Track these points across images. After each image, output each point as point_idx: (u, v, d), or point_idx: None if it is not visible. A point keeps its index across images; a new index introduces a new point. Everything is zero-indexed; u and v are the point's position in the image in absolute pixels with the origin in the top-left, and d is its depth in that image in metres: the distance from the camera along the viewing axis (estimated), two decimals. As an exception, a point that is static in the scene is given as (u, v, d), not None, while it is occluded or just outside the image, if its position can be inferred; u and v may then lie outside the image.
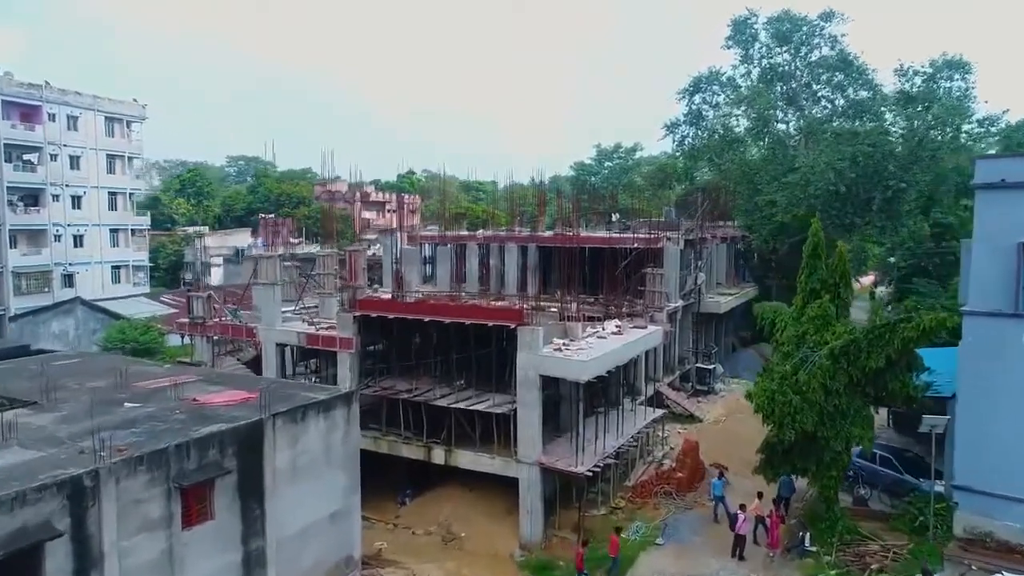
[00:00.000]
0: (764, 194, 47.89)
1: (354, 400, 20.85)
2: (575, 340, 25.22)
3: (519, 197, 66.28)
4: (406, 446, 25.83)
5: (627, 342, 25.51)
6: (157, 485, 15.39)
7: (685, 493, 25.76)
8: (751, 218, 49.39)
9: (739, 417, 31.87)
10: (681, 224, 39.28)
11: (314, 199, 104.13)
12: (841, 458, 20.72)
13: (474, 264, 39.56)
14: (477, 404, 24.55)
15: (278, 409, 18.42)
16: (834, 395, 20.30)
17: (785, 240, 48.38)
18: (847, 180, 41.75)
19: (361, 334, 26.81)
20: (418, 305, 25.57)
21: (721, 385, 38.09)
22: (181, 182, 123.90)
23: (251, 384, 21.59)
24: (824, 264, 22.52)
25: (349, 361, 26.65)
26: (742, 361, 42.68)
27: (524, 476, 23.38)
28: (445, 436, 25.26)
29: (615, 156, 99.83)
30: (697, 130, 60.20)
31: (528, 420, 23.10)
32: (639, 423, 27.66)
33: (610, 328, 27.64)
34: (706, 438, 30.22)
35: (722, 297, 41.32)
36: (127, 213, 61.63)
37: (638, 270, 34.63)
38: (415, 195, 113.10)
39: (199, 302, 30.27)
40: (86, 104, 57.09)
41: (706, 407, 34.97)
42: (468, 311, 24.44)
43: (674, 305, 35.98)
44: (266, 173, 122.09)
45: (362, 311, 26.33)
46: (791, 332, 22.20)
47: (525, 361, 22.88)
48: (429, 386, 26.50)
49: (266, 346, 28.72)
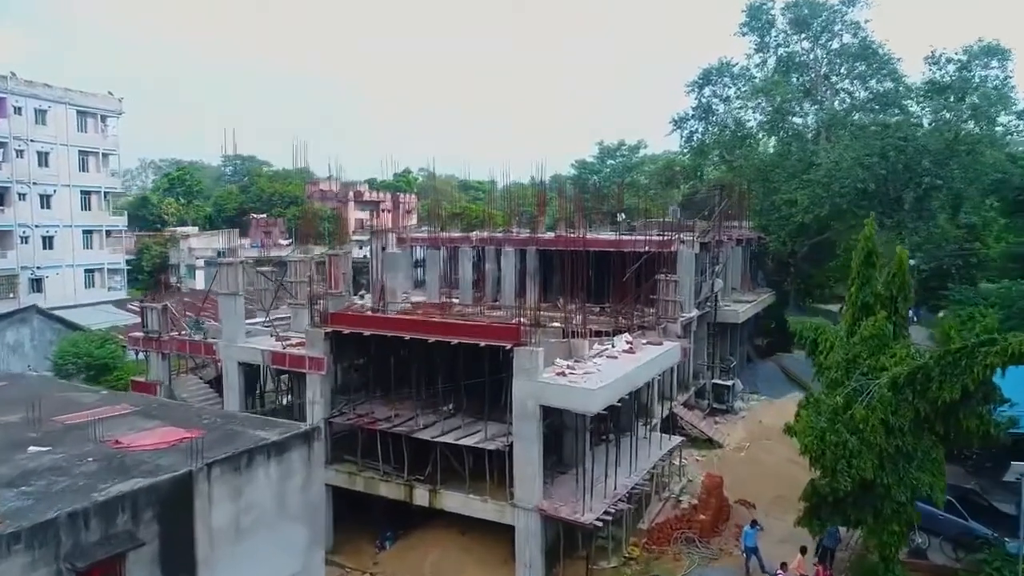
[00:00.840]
0: (782, 193, 44.37)
1: (315, 439, 17.24)
2: (581, 360, 21.66)
3: (518, 196, 62.76)
4: (385, 484, 22.26)
5: (641, 363, 21.92)
6: (42, 568, 11.81)
7: (709, 539, 22.16)
8: (767, 218, 45.83)
9: (765, 444, 28.28)
10: (696, 225, 35.64)
11: (306, 198, 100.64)
12: (905, 510, 17.11)
13: (468, 269, 35.96)
14: (466, 438, 20.97)
15: (214, 456, 14.85)
16: (896, 434, 16.72)
17: (805, 242, 44.87)
18: (877, 177, 38.18)
19: (334, 352, 23.25)
20: (397, 321, 22.02)
21: (740, 403, 34.49)
22: (170, 181, 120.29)
23: (194, 419, 17.99)
24: (878, 274, 18.95)
25: (319, 384, 23.09)
26: (760, 374, 39.07)
27: (521, 524, 19.81)
28: (430, 472, 21.72)
29: (618, 154, 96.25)
30: (707, 125, 56.79)
31: (526, 457, 19.52)
32: (654, 454, 24.07)
33: (620, 345, 24.06)
34: (729, 469, 26.62)
35: (739, 305, 37.71)
36: (102, 213, 58.04)
37: (648, 276, 31.03)
38: (411, 194, 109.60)
39: (153, 313, 26.69)
40: (56, 97, 53.46)
41: (725, 429, 31.37)
42: (455, 329, 20.87)
43: (689, 315, 32.38)
44: (259, 172, 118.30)
45: (334, 327, 22.76)
46: (839, 355, 18.61)
47: (523, 389, 19.30)
48: (413, 412, 22.91)
49: (227, 365, 25.15)
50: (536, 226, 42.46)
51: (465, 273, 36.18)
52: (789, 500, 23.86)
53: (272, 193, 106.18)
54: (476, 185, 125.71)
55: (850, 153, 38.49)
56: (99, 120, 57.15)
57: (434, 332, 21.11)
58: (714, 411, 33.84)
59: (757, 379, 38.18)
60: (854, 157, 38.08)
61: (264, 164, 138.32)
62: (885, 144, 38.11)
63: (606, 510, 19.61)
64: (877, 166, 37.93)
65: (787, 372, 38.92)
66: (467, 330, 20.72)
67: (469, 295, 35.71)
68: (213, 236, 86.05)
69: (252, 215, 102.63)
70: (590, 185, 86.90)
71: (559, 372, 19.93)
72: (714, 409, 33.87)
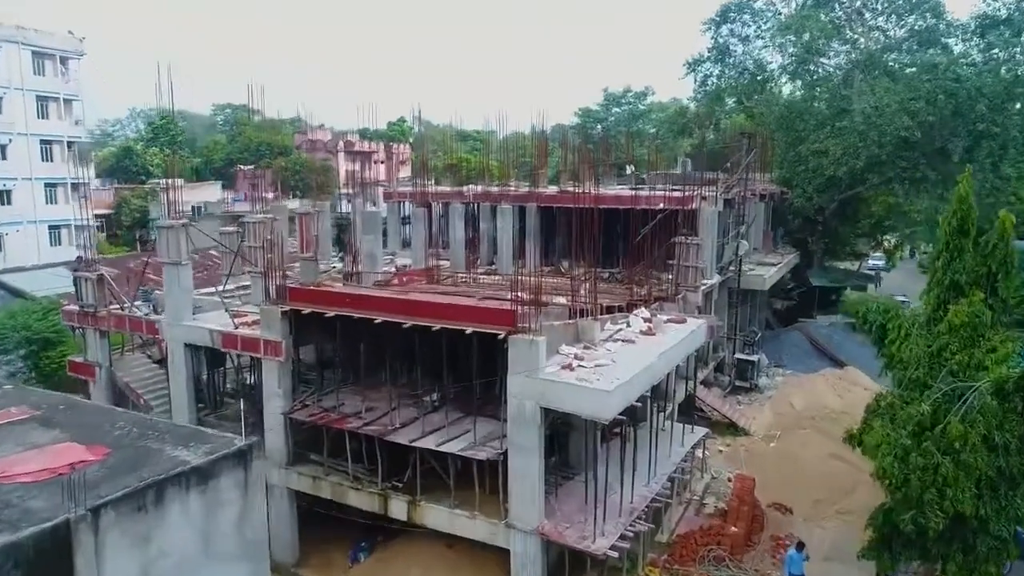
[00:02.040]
0: (809, 142, 39.89)
1: (253, 457, 13.52)
2: (591, 347, 17.79)
3: (519, 147, 58.10)
4: (355, 492, 18.64)
5: (664, 350, 18.03)
6: None
7: (742, 556, 18.67)
8: (792, 171, 41.44)
9: (799, 434, 24.61)
10: (718, 179, 31.32)
11: (294, 149, 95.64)
12: (1006, 547, 13.48)
13: (460, 228, 31.84)
14: (450, 442, 17.22)
15: (107, 496, 11.12)
16: (1001, 454, 12.99)
17: (835, 197, 40.58)
18: (922, 124, 33.72)
19: (295, 334, 19.37)
20: (366, 299, 18.06)
21: (766, 379, 30.79)
22: (154, 130, 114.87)
23: (104, 429, 14.21)
24: (972, 245, 14.91)
25: (277, 372, 19.27)
26: (785, 345, 35.29)
27: (519, 548, 16.24)
28: (410, 477, 18.11)
29: (623, 101, 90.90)
30: (723, 68, 51.87)
31: (524, 470, 15.82)
32: (675, 453, 20.42)
33: (637, 325, 20.15)
34: (758, 463, 23.12)
35: (764, 269, 33.71)
36: (66, 165, 53.51)
37: (663, 237, 26.90)
38: (405, 144, 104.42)
39: (87, 284, 22.73)
40: (6, 36, 48.41)
41: (750, 412, 27.73)
42: (436, 310, 16.95)
43: (710, 282, 28.44)
44: (245, 121, 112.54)
45: (293, 304, 18.83)
46: (919, 347, 14.72)
47: (520, 388, 15.48)
48: (389, 405, 19.15)
49: (171, 347, 21.31)
50: (537, 180, 38.14)
51: (456, 233, 32.06)
52: (831, 505, 20.39)
53: (260, 143, 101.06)
54: (474, 135, 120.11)
55: (893, 97, 33.91)
56: (58, 62, 52.13)
57: (410, 314, 17.18)
58: (736, 389, 30.21)
59: (782, 351, 34.45)
60: (898, 101, 33.52)
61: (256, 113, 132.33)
62: (934, 87, 33.54)
63: (623, 532, 16.03)
64: (924, 111, 33.43)
65: (815, 342, 35.16)
66: (451, 312, 16.78)
67: (461, 258, 31.66)
68: (195, 189, 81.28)
69: (239, 166, 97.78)
70: (595, 134, 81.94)
71: (565, 365, 16.07)
72: (736, 387, 30.23)
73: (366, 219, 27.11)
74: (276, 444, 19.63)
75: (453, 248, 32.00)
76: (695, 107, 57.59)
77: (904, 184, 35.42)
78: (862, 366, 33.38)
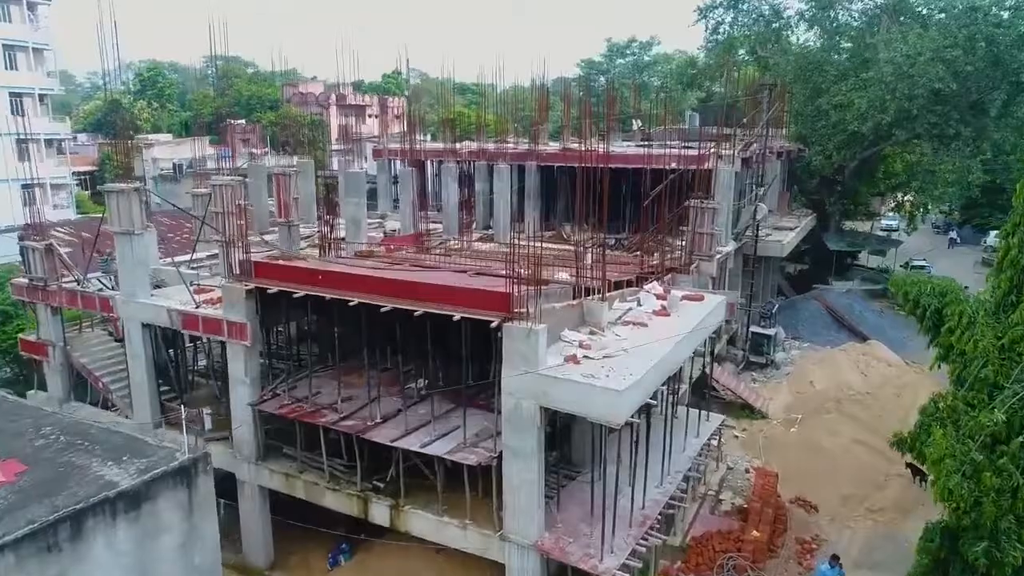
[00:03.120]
0: (830, 95, 36.95)
1: (201, 471, 11.39)
2: (598, 332, 15.55)
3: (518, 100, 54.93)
4: (332, 493, 16.62)
5: (681, 335, 15.77)
6: None
7: (765, 563, 16.74)
8: (811, 126, 38.59)
9: (825, 418, 22.53)
10: (735, 135, 28.61)
11: (284, 102, 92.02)
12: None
13: (453, 190, 29.30)
14: (437, 442, 15.10)
15: (2, 536, 9.01)
16: (1092, 473, 10.83)
17: (857, 154, 37.84)
18: (958, 74, 30.85)
19: (263, 314, 17.11)
20: (340, 277, 15.73)
21: (782, 354, 28.64)
22: (141, 82, 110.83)
23: (27, 436, 12.06)
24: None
25: (243, 357, 17.07)
26: (802, 315, 33.05)
27: (515, 563, 14.26)
28: (392, 477, 16.09)
29: (628, 52, 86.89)
30: (737, 14, 48.48)
31: (520, 477, 13.73)
32: (690, 446, 18.36)
33: (649, 303, 17.86)
34: (778, 452, 21.14)
35: (782, 234, 31.31)
36: (40, 120, 50.52)
37: (676, 199, 24.38)
38: (401, 97, 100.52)
39: (36, 255, 20.36)
40: (-35, -22, 45.04)
41: (767, 392, 25.67)
42: (418, 291, 14.64)
43: (726, 250, 26.09)
44: (236, 73, 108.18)
45: (259, 282, 16.52)
46: (988, 339, 12.43)
47: (516, 385, 13.28)
48: (370, 394, 17.00)
49: (127, 326, 19.07)
50: (537, 135, 35.38)
51: (450, 195, 29.53)
52: (861, 502, 18.41)
53: (250, 96, 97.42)
54: (473, 88, 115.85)
55: (928, 44, 30.94)
56: (25, 8, 48.72)
57: (389, 295, 14.86)
58: (750, 364, 28.10)
59: (798, 321, 32.25)
60: (933, 49, 30.59)
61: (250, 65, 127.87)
62: (972, 32, 30.56)
63: (634, 547, 14.03)
64: (960, 60, 30.53)
65: (833, 312, 32.94)
66: (435, 294, 14.47)
67: (455, 222, 29.20)
68: (180, 144, 78.42)
69: (228, 120, 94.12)
70: (598, 87, 78.35)
71: (569, 357, 13.83)
72: (750, 362, 28.11)
73: (349, 180, 24.56)
74: (245, 437, 17.58)
75: (446, 211, 29.53)
76: (704, 57, 54.34)
77: (933, 141, 32.69)
78: (884, 338, 31.30)
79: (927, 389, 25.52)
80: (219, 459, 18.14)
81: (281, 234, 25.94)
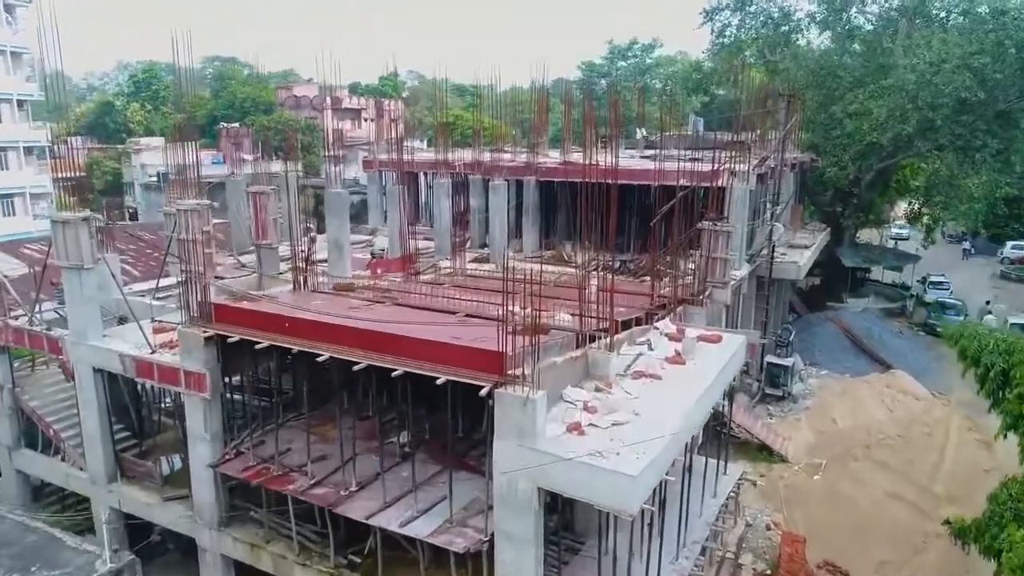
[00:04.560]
0: (845, 102, 34.98)
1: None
2: (606, 388, 13.56)
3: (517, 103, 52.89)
4: (302, 568, 14.61)
5: (701, 392, 13.77)
6: None
7: (793, 647, 14.77)
8: (825, 136, 36.62)
9: (851, 466, 20.52)
10: (749, 146, 26.51)
11: (278, 106, 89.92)
12: None
13: (445, 207, 27.28)
14: (419, 519, 13.10)
15: None
16: None
17: (873, 165, 35.87)
18: (985, 83, 28.86)
19: (225, 361, 15.11)
20: (308, 326, 13.71)
21: (800, 385, 26.64)
22: (135, 84, 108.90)
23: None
24: None
25: (202, 412, 15.07)
26: (818, 338, 31.02)
27: (509, 664, 12.27)
28: (372, 549, 14.12)
29: (629, 54, 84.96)
30: (744, 16, 46.57)
31: (516, 564, 11.72)
32: (707, 507, 16.37)
33: (663, 346, 15.88)
34: (802, 502, 19.15)
35: (798, 253, 29.27)
36: (18, 127, 48.58)
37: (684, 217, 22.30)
38: (398, 100, 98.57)
39: (-22, 289, 18.38)
40: (-63, -21, 43.02)
41: (786, 429, 23.66)
42: (394, 344, 12.64)
43: (740, 275, 24.11)
44: (231, 75, 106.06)
45: (219, 328, 14.53)
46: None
47: (511, 460, 11.28)
48: (345, 453, 15.00)
49: (78, 370, 17.06)
50: (536, 142, 33.15)
51: (442, 213, 27.51)
52: (899, 568, 16.43)
53: (244, 99, 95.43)
54: (471, 89, 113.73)
55: (953, 50, 28.96)
56: (2, 9, 46.73)
57: (365, 347, 12.88)
58: (765, 396, 26.09)
59: (814, 346, 30.24)
60: (959, 56, 28.61)
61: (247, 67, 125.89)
62: (1001, 38, 28.58)
63: (649, 648, 12.06)
64: (988, 68, 28.54)
65: (851, 335, 30.93)
66: (416, 349, 12.48)
67: (447, 241, 27.07)
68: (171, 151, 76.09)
69: (222, 124, 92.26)
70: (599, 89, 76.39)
71: (572, 426, 11.83)
72: (766, 394, 26.11)
73: (331, 200, 22.53)
74: (206, 499, 15.57)
75: (438, 230, 27.50)
76: (709, 61, 52.35)
77: (958, 153, 30.71)
78: (905, 364, 29.37)
79: (957, 426, 23.65)
80: (179, 523, 16.30)
81: (258, 257, 23.98)
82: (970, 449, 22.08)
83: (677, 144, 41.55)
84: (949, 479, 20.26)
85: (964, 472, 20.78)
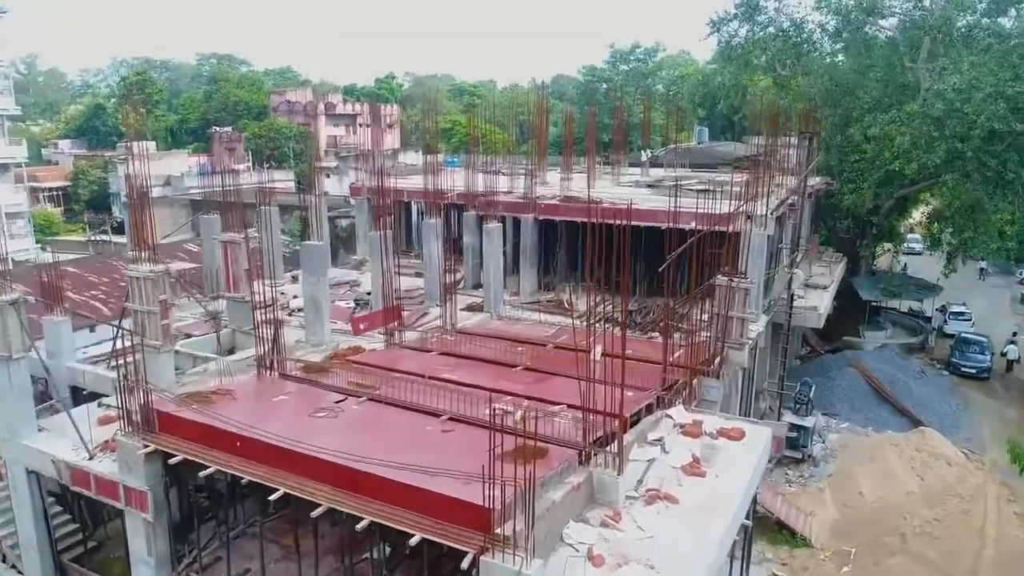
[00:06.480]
0: (864, 124, 32.80)
1: None
2: (613, 520, 11.50)
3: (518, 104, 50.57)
4: None
5: (726, 525, 11.69)
6: None
7: None
8: (842, 159, 34.43)
9: (887, 563, 18.39)
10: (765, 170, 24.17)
11: (271, 111, 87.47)
12: None
13: (434, 248, 25.08)
14: None
15: None
16: None
17: (894, 192, 33.73)
18: (1020, 112, 26.68)
19: (170, 477, 13.00)
20: (264, 449, 11.64)
21: (821, 445, 24.56)
22: (127, 86, 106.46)
23: None
24: None
25: (144, 533, 12.99)
26: (837, 386, 28.79)
27: None
28: None
29: (632, 58, 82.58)
30: (753, 27, 44.25)
31: None
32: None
33: (678, 451, 13.80)
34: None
35: (817, 295, 27.11)
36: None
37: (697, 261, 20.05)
38: (394, 104, 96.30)
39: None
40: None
41: (807, 502, 21.52)
42: (358, 482, 10.56)
43: (758, 330, 22.00)
44: (225, 76, 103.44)
45: (161, 442, 12.42)
46: None
47: (499, 652, 9.21)
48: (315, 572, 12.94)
49: (11, 470, 14.96)
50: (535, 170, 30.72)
51: (432, 254, 25.31)
52: None
53: (237, 101, 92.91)
54: (471, 89, 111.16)
55: (986, 77, 26.77)
56: (-28, 21, 44.55)
57: (326, 482, 10.79)
58: (783, 459, 23.99)
59: (833, 396, 28.05)
60: (993, 83, 26.43)
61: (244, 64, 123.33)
62: (1040, 62, 26.42)
63: None
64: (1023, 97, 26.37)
65: (872, 382, 28.79)
66: (383, 490, 10.39)
67: (436, 285, 24.81)
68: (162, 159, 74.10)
69: (214, 128, 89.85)
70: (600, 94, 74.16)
71: (575, 593, 9.78)
72: (784, 457, 24.01)
73: (307, 255, 20.32)
74: (153, 629, 13.52)
75: (427, 275, 25.34)
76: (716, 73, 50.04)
77: (988, 185, 28.56)
78: (933, 414, 27.35)
79: (995, 495, 21.66)
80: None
81: (229, 312, 21.95)
82: (1011, 528, 20.10)
83: (684, 159, 39.24)
84: (993, 570, 18.26)
85: (1007, 558, 18.83)
